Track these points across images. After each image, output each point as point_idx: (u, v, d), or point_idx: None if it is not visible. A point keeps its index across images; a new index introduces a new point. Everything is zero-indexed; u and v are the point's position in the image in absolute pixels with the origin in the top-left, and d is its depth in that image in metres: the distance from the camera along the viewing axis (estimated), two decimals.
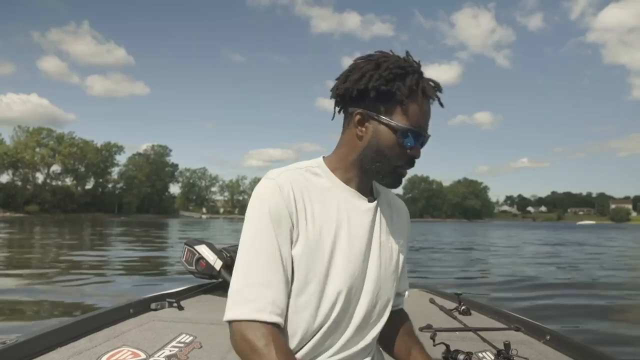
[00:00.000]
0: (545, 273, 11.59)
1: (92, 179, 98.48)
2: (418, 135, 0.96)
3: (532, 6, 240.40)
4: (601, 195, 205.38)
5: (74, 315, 5.26)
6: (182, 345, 2.25)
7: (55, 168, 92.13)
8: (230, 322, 0.92)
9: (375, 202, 1.05)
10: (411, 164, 1.00)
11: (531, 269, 12.55)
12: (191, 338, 2.35)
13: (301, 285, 0.94)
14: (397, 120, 0.95)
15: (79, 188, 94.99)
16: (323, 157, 1.06)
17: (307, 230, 0.94)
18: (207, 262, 3.28)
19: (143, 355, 2.07)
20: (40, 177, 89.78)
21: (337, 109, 1.03)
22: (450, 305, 3.03)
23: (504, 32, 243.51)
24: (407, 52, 1.01)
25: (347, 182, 1.02)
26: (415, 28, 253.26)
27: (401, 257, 1.10)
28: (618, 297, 8.39)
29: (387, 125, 0.95)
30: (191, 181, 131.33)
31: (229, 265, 3.35)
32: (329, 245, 0.95)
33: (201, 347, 2.24)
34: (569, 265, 14.00)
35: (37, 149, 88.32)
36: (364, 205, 1.02)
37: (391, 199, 1.15)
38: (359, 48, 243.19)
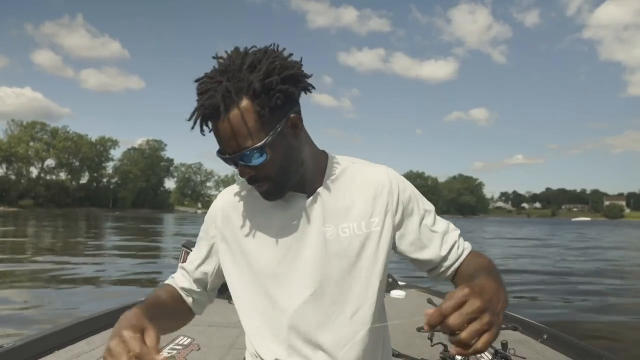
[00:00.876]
0: (539, 268, 11.67)
1: (86, 174, 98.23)
2: (224, 159, 0.91)
3: (529, 2, 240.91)
4: (595, 192, 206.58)
5: (71, 318, 5.24)
6: (180, 347, 2.25)
7: (50, 162, 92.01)
8: None
9: (314, 194, 0.99)
10: (249, 181, 0.93)
11: (526, 265, 12.62)
12: (189, 340, 2.35)
13: (235, 292, 1.04)
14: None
15: (73, 182, 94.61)
16: None
17: (234, 247, 1.02)
18: None
19: None
20: (34, 171, 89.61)
21: None
22: None
23: (501, 28, 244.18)
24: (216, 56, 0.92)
25: None
26: (412, 23, 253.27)
27: (374, 237, 0.99)
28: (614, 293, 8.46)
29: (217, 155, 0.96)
30: (186, 176, 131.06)
31: None
32: (253, 258, 1.00)
33: (199, 349, 2.25)
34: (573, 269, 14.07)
35: (31, 143, 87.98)
36: (293, 204, 0.99)
37: (350, 175, 1.03)
38: (355, 44, 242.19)
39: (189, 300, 1.07)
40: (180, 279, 1.08)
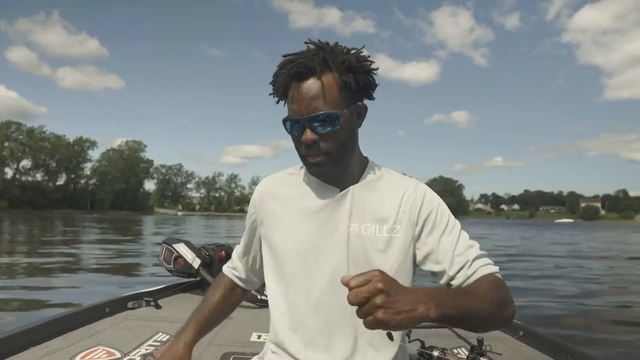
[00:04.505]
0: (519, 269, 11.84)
1: (63, 175, 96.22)
2: (294, 122, 0.98)
3: (510, 6, 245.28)
4: (571, 194, 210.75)
5: (47, 314, 5.12)
6: (158, 344, 2.24)
7: (25, 163, 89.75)
8: None
9: (346, 190, 1.04)
10: (308, 148, 0.98)
11: (506, 264, 12.81)
12: (168, 337, 2.33)
13: (268, 274, 1.11)
14: (288, 114, 1.01)
15: (50, 184, 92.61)
16: None
17: (267, 228, 1.11)
18: (186, 261, 3.26)
19: (118, 354, 2.04)
20: (9, 172, 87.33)
21: None
22: None
23: (482, 31, 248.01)
24: (309, 41, 1.01)
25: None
26: (395, 25, 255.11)
27: (394, 244, 1.01)
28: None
29: (284, 121, 1.02)
30: (167, 177, 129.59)
31: (207, 264, 3.33)
32: (279, 240, 1.07)
33: None
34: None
35: (6, 143, 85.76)
36: (326, 195, 1.05)
37: (384, 182, 1.07)
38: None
39: (240, 283, 1.26)
40: (232, 265, 1.28)
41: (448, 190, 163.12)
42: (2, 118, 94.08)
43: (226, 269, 1.29)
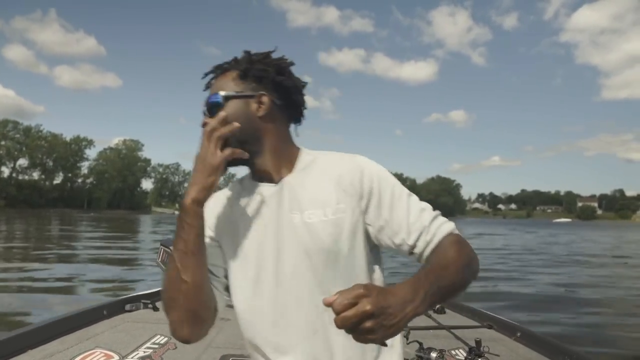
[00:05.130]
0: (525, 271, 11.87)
1: (60, 174, 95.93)
2: (203, 113, 1.04)
3: (508, 5, 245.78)
4: (568, 194, 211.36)
5: (44, 317, 5.12)
6: (156, 346, 2.23)
7: (22, 162, 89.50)
8: None
9: (279, 183, 1.02)
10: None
11: (503, 264, 12.84)
12: (166, 339, 2.33)
13: (231, 285, 1.06)
14: None
15: (47, 183, 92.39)
16: None
17: (223, 240, 1.06)
18: None
19: (116, 357, 2.04)
20: (6, 171, 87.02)
21: None
22: None
23: (480, 31, 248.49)
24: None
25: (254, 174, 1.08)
26: (393, 24, 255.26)
27: (341, 224, 0.97)
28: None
29: None
30: (164, 177, 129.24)
31: None
32: (228, 245, 1.04)
33: (176, 347, 2.23)
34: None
35: (3, 142, 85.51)
36: (260, 193, 1.03)
37: (319, 165, 1.04)
38: (336, 44, 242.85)
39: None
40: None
41: (445, 190, 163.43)
42: None
43: None
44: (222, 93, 1.01)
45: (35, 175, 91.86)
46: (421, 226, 0.97)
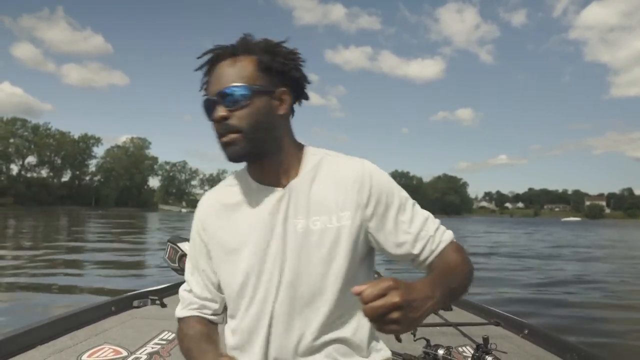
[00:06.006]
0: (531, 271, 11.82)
1: (68, 171, 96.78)
2: (207, 103, 0.95)
3: (516, 2, 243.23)
4: (576, 192, 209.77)
5: (54, 313, 5.16)
6: (164, 342, 2.25)
7: (31, 159, 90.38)
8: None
9: (286, 187, 0.99)
10: (219, 127, 0.94)
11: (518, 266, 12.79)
12: (173, 335, 2.34)
13: (226, 292, 1.04)
14: None
15: (55, 180, 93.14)
16: None
17: (216, 244, 1.03)
18: None
19: (124, 353, 2.06)
20: (14, 169, 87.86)
21: None
22: None
23: (488, 28, 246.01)
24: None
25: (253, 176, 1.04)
26: (401, 22, 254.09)
27: (344, 231, 0.96)
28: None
29: (203, 108, 1.00)
30: (171, 174, 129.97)
31: None
32: (227, 248, 1.01)
33: None
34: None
35: (12, 140, 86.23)
36: (266, 197, 0.99)
37: (326, 168, 1.02)
38: (343, 42, 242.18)
39: (216, 319, 1.09)
40: (192, 306, 1.08)
41: (452, 188, 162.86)
42: (7, 115, 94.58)
43: (188, 312, 1.08)
44: (247, 85, 0.92)
45: (44, 172, 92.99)
46: (427, 235, 1.00)
